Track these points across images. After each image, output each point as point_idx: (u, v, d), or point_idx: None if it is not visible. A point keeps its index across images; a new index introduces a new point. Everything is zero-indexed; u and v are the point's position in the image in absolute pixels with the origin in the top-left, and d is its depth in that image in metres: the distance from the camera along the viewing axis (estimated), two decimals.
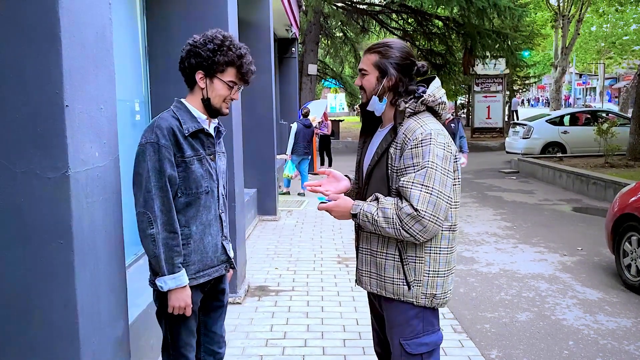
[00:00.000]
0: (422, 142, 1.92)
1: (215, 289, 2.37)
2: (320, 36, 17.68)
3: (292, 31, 11.82)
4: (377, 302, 2.18)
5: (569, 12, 24.11)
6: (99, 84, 1.96)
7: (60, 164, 1.72)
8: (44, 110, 1.71)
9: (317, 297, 4.57)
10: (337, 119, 21.69)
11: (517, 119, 26.59)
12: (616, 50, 31.78)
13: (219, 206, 2.28)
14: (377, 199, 1.99)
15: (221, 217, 2.30)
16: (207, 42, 2.13)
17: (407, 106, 2.00)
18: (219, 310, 2.42)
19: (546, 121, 14.43)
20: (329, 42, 20.79)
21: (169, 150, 2.07)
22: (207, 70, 2.15)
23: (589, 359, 3.55)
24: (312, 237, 6.71)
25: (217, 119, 2.32)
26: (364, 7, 17.49)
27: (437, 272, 2.01)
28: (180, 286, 2.09)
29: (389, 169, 2.01)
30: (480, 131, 21.14)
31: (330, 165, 13.41)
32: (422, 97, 2.02)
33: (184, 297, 2.11)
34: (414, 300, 2.01)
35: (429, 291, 2.01)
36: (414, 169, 1.91)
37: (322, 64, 22.97)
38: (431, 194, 1.88)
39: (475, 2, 12.82)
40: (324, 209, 2.10)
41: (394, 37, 16.77)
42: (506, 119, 23.86)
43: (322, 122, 13.03)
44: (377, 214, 1.94)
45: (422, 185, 1.88)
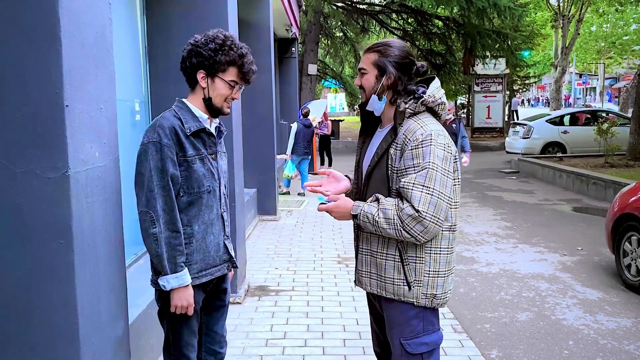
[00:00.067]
0: (422, 143, 1.92)
1: (217, 288, 2.37)
2: (320, 36, 17.68)
3: (292, 31, 11.82)
4: (376, 303, 2.18)
5: (569, 12, 24.12)
6: (99, 84, 1.96)
7: (60, 164, 1.72)
8: (44, 110, 1.71)
9: (317, 297, 4.57)
10: (337, 119, 21.69)
11: (517, 119, 26.59)
12: (616, 50, 31.81)
13: (221, 205, 2.28)
14: (377, 200, 1.99)
15: (223, 217, 2.30)
16: (209, 41, 2.14)
17: (407, 107, 2.00)
18: (221, 310, 2.42)
19: (546, 121, 14.44)
20: (329, 42, 20.80)
21: (172, 149, 2.08)
22: (208, 69, 2.15)
23: (589, 358, 3.55)
24: (312, 237, 6.71)
25: (218, 119, 2.32)
26: (364, 7, 17.49)
27: (437, 272, 2.01)
28: (182, 285, 2.09)
29: (389, 169, 2.01)
30: (480, 131, 21.14)
31: (330, 165, 13.41)
32: (422, 98, 2.02)
33: (186, 296, 2.11)
34: (414, 300, 2.01)
35: (430, 291, 2.01)
36: (414, 170, 1.91)
37: (322, 64, 22.98)
38: (432, 195, 1.89)
39: (475, 2, 12.83)
40: (324, 209, 2.10)
41: (394, 37, 16.78)
42: (506, 119, 23.86)
43: (322, 122, 13.03)
44: (378, 214, 1.94)
45: (423, 186, 1.89)
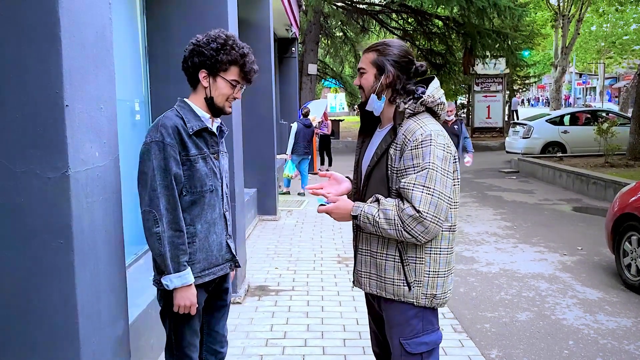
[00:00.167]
0: (422, 143, 1.92)
1: (219, 288, 2.37)
2: (320, 36, 17.68)
3: (292, 31, 11.82)
4: (375, 303, 2.18)
5: (569, 11, 24.13)
6: (99, 84, 1.96)
7: (60, 164, 1.72)
8: (44, 110, 1.71)
9: (317, 297, 4.57)
10: (337, 118, 21.71)
11: (517, 119, 26.58)
12: (616, 49, 31.83)
13: (223, 205, 2.29)
14: (377, 201, 1.99)
15: (225, 216, 2.30)
16: (211, 41, 2.14)
17: (406, 107, 2.00)
18: (222, 309, 2.43)
19: (546, 121, 14.44)
20: (329, 41, 20.80)
21: (174, 148, 2.08)
22: (210, 69, 2.16)
23: (589, 358, 3.55)
24: (312, 237, 6.71)
25: (220, 119, 2.32)
26: (364, 6, 17.49)
27: (437, 273, 2.01)
28: (185, 284, 2.09)
29: (389, 169, 2.01)
30: (480, 131, 21.14)
31: (330, 165, 13.41)
32: (422, 98, 2.02)
33: (189, 295, 2.11)
34: (414, 300, 2.01)
35: (430, 291, 2.01)
36: (414, 170, 1.91)
37: (322, 64, 22.98)
38: (432, 195, 1.89)
39: (475, 2, 12.83)
40: (323, 211, 2.10)
41: (394, 37, 16.78)
42: (506, 119, 23.85)
43: (322, 121, 13.03)
44: (379, 215, 1.94)
45: (424, 186, 1.89)
